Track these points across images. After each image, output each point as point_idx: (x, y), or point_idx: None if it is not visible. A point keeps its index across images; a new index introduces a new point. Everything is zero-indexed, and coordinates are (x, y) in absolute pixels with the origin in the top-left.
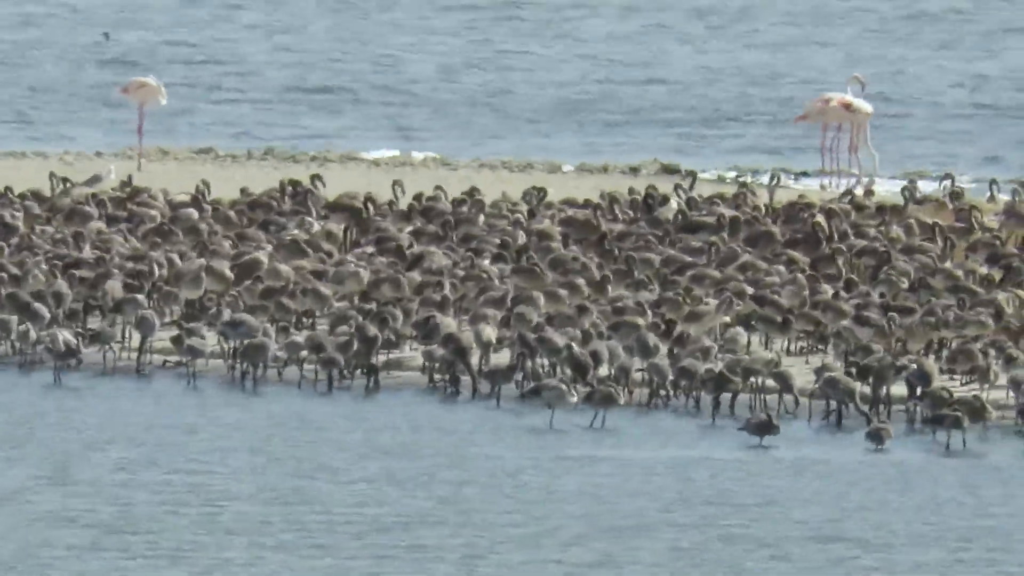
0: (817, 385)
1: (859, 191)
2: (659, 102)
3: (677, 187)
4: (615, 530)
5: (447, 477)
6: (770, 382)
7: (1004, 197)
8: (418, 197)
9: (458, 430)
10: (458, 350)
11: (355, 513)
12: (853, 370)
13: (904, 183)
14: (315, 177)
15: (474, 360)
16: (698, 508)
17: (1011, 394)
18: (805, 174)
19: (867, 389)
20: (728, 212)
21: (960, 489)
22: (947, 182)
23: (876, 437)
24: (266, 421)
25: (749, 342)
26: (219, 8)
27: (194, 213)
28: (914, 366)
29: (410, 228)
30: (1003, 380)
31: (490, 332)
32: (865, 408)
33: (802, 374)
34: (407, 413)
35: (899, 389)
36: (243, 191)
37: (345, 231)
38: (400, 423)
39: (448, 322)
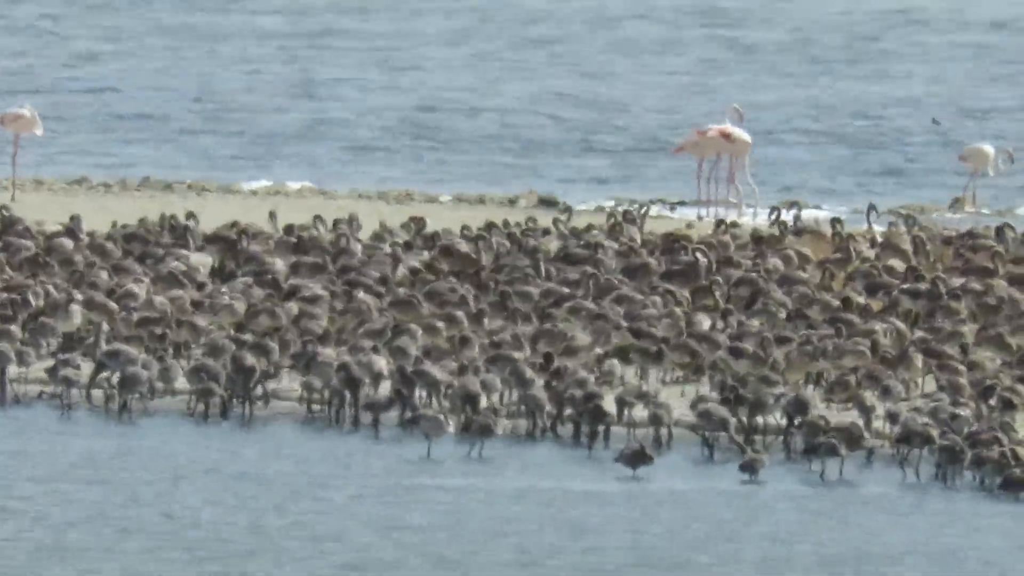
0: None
1: (738, 220)
2: (530, 131)
3: (556, 220)
4: (436, 558)
5: (288, 505)
6: (646, 413)
7: (879, 228)
8: (290, 228)
9: (321, 458)
10: (349, 380)
11: (170, 537)
12: (730, 399)
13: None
14: (189, 215)
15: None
16: (542, 536)
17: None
18: (682, 203)
19: (743, 419)
20: (607, 242)
21: (824, 518)
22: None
23: (750, 468)
24: (117, 450)
25: (624, 374)
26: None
27: (69, 243)
28: (791, 395)
29: (292, 260)
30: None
31: (381, 363)
32: (740, 439)
33: (678, 405)
34: (277, 443)
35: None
36: (114, 225)
37: (222, 263)
38: (257, 451)
39: (329, 353)
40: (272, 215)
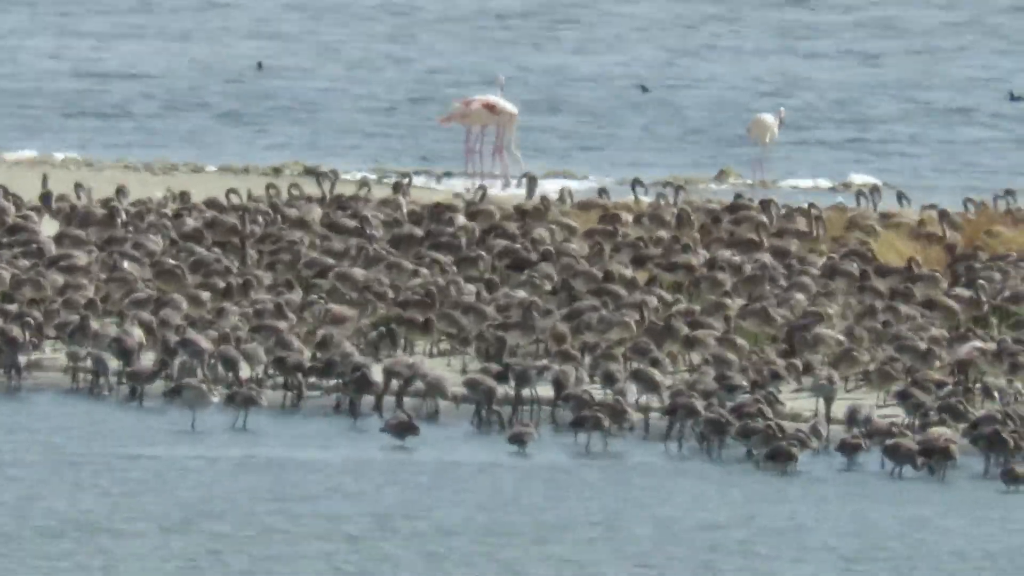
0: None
1: (502, 192)
2: (305, 100)
3: (320, 177)
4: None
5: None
6: (418, 384)
7: (646, 199)
8: (59, 197)
9: (67, 428)
10: (123, 352)
11: None
12: (497, 372)
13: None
14: None
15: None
16: (241, 501)
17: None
18: (449, 175)
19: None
20: (372, 212)
21: (563, 489)
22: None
23: (518, 439)
24: None
25: (396, 343)
26: None
27: None
28: (556, 367)
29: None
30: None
31: (140, 334)
32: (499, 410)
33: (446, 377)
34: (35, 413)
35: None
36: None
37: None
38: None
39: (98, 324)
40: (45, 180)
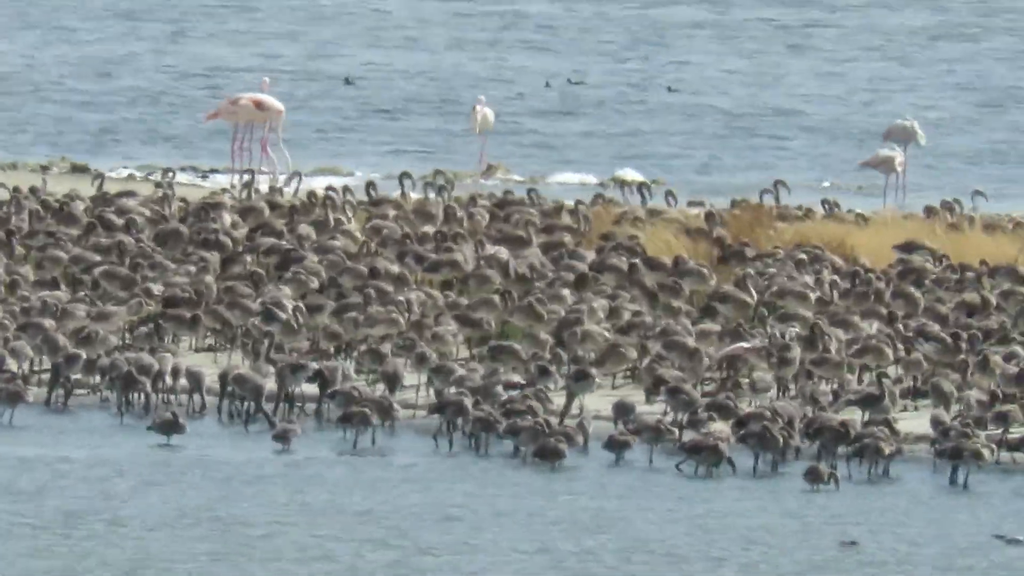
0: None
1: (265, 188)
2: (65, 94)
3: (95, 176)
4: None
5: None
6: (181, 381)
7: (415, 194)
8: None
9: None
10: None
11: None
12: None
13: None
14: None
15: None
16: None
17: (422, 393)
18: (215, 171)
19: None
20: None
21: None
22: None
23: (282, 437)
24: None
25: (161, 340)
26: None
27: None
28: (318, 365)
29: None
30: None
31: None
32: (268, 409)
33: (211, 374)
34: None
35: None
36: None
37: None
38: None
39: None
40: None
